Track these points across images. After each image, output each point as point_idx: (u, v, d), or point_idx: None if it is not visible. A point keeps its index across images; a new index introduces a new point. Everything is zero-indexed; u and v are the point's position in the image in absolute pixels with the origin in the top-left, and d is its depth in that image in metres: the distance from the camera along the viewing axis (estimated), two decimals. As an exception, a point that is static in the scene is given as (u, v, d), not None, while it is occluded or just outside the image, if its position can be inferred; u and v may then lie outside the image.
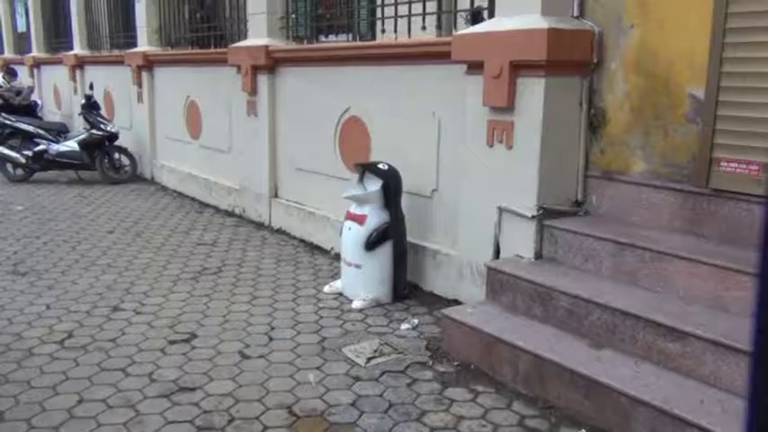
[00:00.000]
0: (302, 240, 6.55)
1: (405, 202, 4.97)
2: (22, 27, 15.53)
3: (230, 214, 7.78)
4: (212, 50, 8.13)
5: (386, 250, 4.78)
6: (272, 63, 6.76)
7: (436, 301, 4.85)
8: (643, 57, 3.99)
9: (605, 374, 3.16)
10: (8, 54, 15.97)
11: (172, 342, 4.17)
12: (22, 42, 15.67)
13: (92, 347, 4.13)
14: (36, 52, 14.27)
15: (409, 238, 5.01)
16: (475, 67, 4.34)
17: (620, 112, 4.14)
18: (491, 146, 4.33)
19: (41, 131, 9.86)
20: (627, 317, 3.37)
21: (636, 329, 3.33)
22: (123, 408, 3.40)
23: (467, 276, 4.64)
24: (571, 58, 4.08)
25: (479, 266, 4.47)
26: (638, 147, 4.08)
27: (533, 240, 4.17)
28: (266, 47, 6.67)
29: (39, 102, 12.75)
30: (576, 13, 4.17)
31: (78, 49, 12.11)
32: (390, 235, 4.78)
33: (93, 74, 11.34)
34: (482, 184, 4.44)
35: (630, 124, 4.11)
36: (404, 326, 4.44)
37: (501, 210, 4.33)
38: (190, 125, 8.79)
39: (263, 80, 6.94)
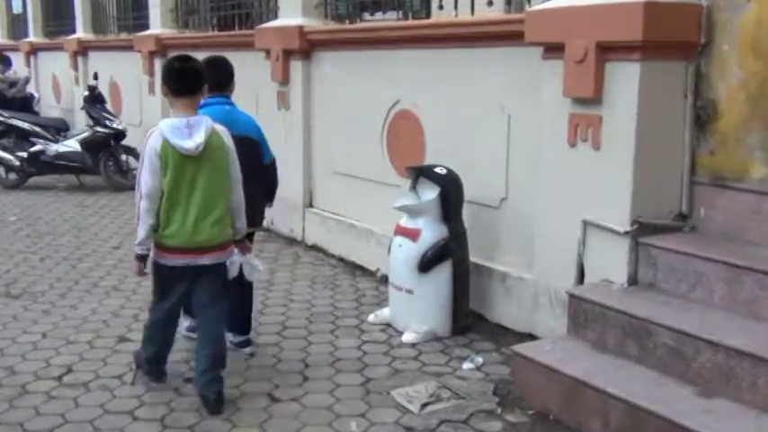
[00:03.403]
0: (342, 259, 6.57)
1: (467, 213, 4.94)
2: (17, 8, 16.03)
3: (256, 227, 7.85)
4: (237, 32, 8.24)
5: (444, 272, 4.75)
6: (307, 47, 6.81)
7: (505, 335, 4.80)
8: (762, 36, 3.89)
9: (718, 430, 3.07)
10: (1, 39, 16.50)
11: (187, 380, 4.20)
12: (17, 26, 16.17)
13: (94, 385, 4.19)
14: (33, 37, 14.70)
15: (472, 258, 4.97)
16: (553, 50, 4.30)
17: (735, 104, 4.04)
18: (573, 145, 4.28)
19: (38, 129, 10.13)
20: (745, 358, 3.27)
21: (756, 374, 3.22)
22: (131, 459, 3.43)
23: (544, 305, 4.58)
24: (672, 38, 4.01)
25: (559, 293, 4.40)
26: (757, 147, 3.97)
27: (627, 262, 4.09)
28: (300, 27, 6.73)
29: (35, 94, 13.13)
30: (679, -16, 4.10)
31: (81, 32, 12.43)
32: (449, 253, 4.75)
33: (98, 61, 11.63)
34: (563, 193, 4.38)
35: (748, 119, 4.00)
36: (466, 365, 4.40)
37: (586, 224, 4.26)
38: (209, 121, 8.91)
39: (296, 67, 7.00)
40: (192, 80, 3.80)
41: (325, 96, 6.81)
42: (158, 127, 3.74)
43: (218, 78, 4.30)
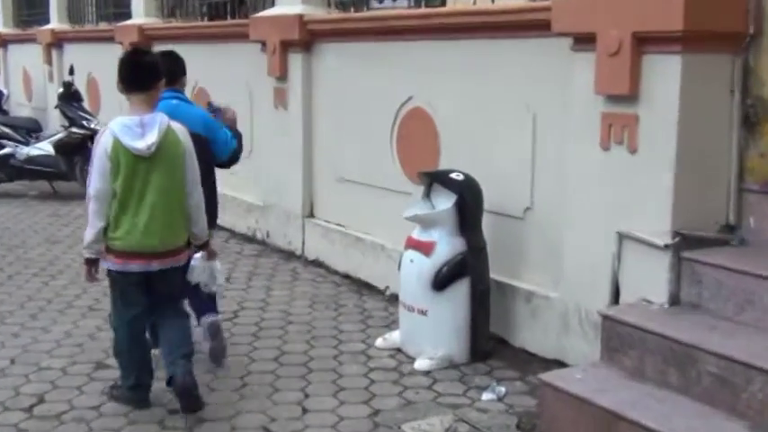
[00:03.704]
0: (346, 276, 6.57)
1: (487, 224, 4.94)
2: (-16, -5, 16.13)
3: (250, 240, 7.87)
4: (229, 22, 8.29)
5: (461, 291, 4.74)
6: (308, 38, 6.84)
7: (530, 362, 4.80)
8: (821, 25, 3.90)
9: (772, 470, 3.06)
10: (-34, 30, 16.61)
11: (172, 412, 4.21)
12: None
13: (69, 417, 4.19)
14: (3, 27, 14.77)
15: (493, 275, 4.97)
16: (584, 41, 4.30)
17: (789, 102, 4.04)
18: (607, 148, 4.27)
19: (6, 130, 10.16)
20: (802, 388, 3.25)
21: (816, 406, 3.21)
22: (109, 500, 3.44)
23: (573, 328, 4.57)
24: (717, 28, 4.00)
25: (591, 314, 4.39)
26: (815, 149, 3.97)
27: (667, 279, 4.07)
28: (300, 17, 6.75)
29: (4, 91, 13.21)
30: (724, -34, 4.10)
31: (56, 22, 12.49)
32: (467, 270, 4.74)
33: (75, 55, 11.67)
34: (595, 201, 4.38)
35: (804, 118, 4.00)
36: (486, 395, 4.39)
37: (621, 236, 4.25)
38: (198, 121, 8.93)
39: (295, 61, 7.02)
40: (145, 75, 4.06)
41: (328, 93, 6.82)
42: (109, 126, 3.99)
43: (167, 71, 4.42)
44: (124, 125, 3.91)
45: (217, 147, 4.73)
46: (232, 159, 4.94)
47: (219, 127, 4.79)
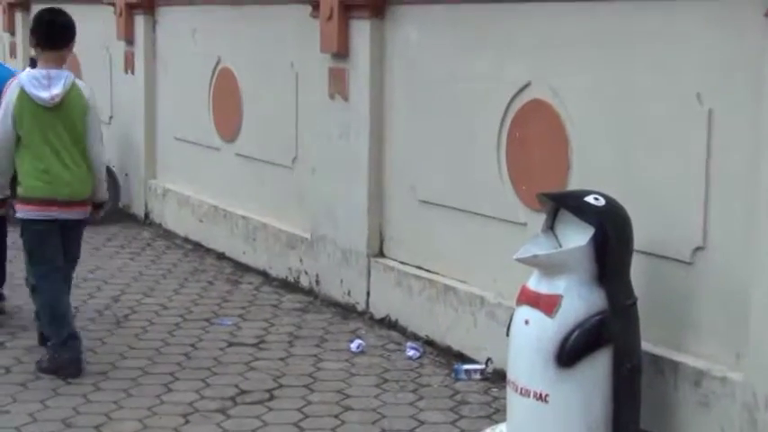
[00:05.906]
0: (429, 342, 6.58)
1: (638, 270, 4.91)
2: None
3: (291, 287, 7.93)
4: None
5: (599, 368, 4.70)
6: (379, -1, 6.94)
7: (701, 476, 4.73)
8: None
9: None
10: None
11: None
12: None
13: None
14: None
15: (646, 345, 4.93)
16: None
17: None
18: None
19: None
20: None
21: None
22: None
23: (766, 425, 4.50)
24: None
25: (794, 407, 4.33)
26: None
27: None
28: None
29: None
30: None
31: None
32: (608, 337, 4.69)
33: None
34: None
35: None
36: None
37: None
38: (218, 115, 9.06)
39: (361, 30, 7.07)
40: (61, 34, 6.24)
41: (408, 78, 6.87)
42: (19, 77, 6.12)
43: None
44: (32, 77, 6.04)
45: None
46: None
47: None
